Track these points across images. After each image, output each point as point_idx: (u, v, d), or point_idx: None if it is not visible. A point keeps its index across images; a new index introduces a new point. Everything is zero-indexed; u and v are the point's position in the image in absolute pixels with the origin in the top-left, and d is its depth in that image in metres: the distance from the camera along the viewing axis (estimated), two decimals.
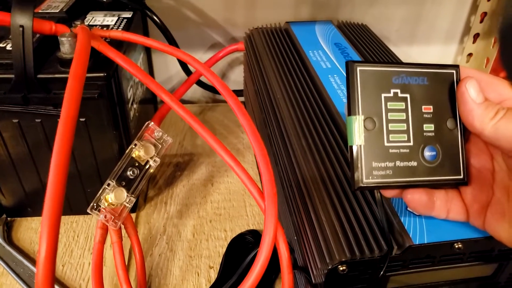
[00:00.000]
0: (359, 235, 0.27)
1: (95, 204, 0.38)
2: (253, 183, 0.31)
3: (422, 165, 0.25)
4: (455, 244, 0.27)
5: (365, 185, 0.24)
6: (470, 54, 0.70)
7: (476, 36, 0.68)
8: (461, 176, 0.26)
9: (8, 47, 0.39)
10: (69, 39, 0.36)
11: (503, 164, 0.25)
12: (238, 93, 0.64)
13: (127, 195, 0.39)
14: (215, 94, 0.69)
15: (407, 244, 0.26)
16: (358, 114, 0.24)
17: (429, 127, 0.25)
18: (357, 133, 0.24)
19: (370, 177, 0.24)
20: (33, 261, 0.42)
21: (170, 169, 0.55)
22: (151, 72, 0.63)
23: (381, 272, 0.26)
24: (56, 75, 0.37)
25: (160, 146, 0.42)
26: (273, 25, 0.57)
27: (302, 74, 0.45)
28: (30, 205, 0.46)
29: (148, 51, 0.59)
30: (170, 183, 0.53)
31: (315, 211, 0.29)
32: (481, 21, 0.67)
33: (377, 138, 0.24)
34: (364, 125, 0.24)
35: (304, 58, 0.48)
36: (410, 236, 0.27)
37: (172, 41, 0.55)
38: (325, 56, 0.48)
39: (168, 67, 0.66)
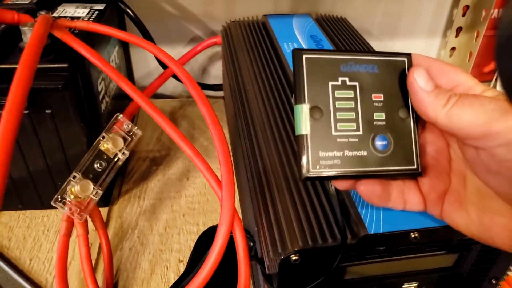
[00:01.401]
0: (314, 225, 0.26)
1: (59, 197, 0.37)
2: (211, 173, 0.31)
3: (373, 154, 0.24)
4: (412, 233, 0.26)
5: (311, 175, 0.23)
6: (453, 48, 0.70)
7: (459, 29, 0.68)
8: (415, 166, 0.25)
9: None
10: (31, 28, 0.36)
11: (459, 152, 0.25)
12: (218, 87, 0.64)
13: (93, 188, 0.38)
14: None
15: (362, 234, 0.26)
16: (304, 103, 0.24)
17: (379, 116, 0.25)
18: (304, 122, 0.23)
19: (318, 167, 0.23)
20: None
21: (146, 164, 0.54)
22: (129, 66, 0.62)
23: (336, 262, 0.26)
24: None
25: (130, 139, 0.41)
26: (251, 19, 0.57)
27: (274, 66, 0.44)
28: None
29: (125, 45, 0.59)
30: (145, 178, 0.52)
31: (273, 201, 0.29)
32: (464, 15, 0.66)
33: (324, 127, 0.24)
34: (310, 114, 0.24)
35: (278, 50, 0.47)
36: (366, 225, 0.26)
37: (146, 35, 0.54)
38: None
39: (147, 62, 0.65)
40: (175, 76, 0.58)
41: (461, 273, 0.30)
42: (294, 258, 0.25)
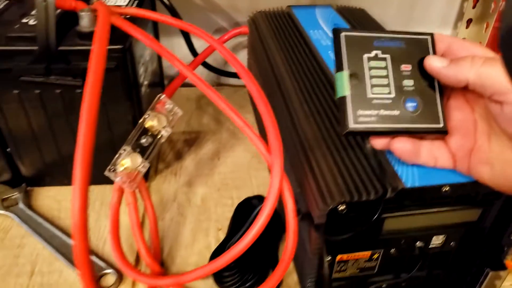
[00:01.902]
0: (356, 180, 0.30)
1: (112, 167, 0.41)
2: (260, 139, 0.34)
3: (404, 114, 0.28)
4: (443, 187, 0.30)
5: (352, 130, 0.28)
6: (463, 39, 0.73)
7: (469, 21, 0.71)
8: (441, 125, 0.29)
9: (31, 22, 0.42)
10: (88, 13, 0.39)
11: (484, 114, 0.28)
12: None
13: (141, 160, 0.42)
14: (219, 77, 0.72)
15: (400, 187, 0.29)
16: (344, 70, 0.28)
17: (409, 82, 0.29)
18: (344, 86, 0.28)
19: (357, 124, 0.28)
20: (52, 224, 0.44)
21: (178, 145, 0.58)
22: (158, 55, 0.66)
23: (378, 213, 0.29)
24: (76, 47, 0.40)
25: (171, 117, 0.45)
26: (275, 10, 0.60)
27: (304, 50, 0.48)
28: (48, 175, 0.49)
29: (156, 34, 0.62)
30: (179, 157, 0.55)
31: (317, 162, 0.32)
32: (474, 7, 0.70)
33: (361, 90, 0.28)
34: (349, 79, 0.28)
35: (305, 37, 0.51)
36: (403, 181, 0.29)
37: None
38: (325, 35, 0.51)
39: (174, 51, 0.68)
40: (203, 64, 0.62)
41: (484, 228, 0.34)
42: (341, 208, 0.29)
